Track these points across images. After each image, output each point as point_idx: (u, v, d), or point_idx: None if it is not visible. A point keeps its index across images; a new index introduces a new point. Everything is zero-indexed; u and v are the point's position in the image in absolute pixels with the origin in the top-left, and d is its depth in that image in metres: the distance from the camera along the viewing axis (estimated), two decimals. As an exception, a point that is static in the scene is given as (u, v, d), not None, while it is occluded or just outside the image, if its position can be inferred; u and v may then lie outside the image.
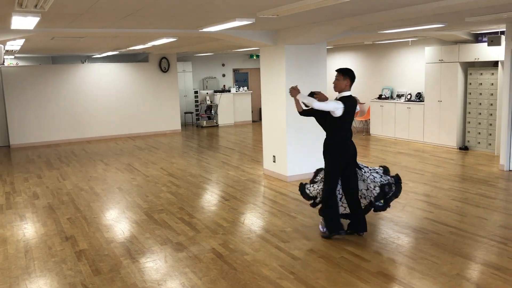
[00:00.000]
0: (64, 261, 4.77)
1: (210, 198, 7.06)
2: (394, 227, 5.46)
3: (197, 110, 16.37)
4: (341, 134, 5.04)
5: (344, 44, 13.31)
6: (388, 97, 12.31)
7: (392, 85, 12.45)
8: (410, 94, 11.68)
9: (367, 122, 13.18)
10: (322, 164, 8.21)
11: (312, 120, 8.14)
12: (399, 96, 12.03)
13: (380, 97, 12.39)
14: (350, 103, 4.93)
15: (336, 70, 5.05)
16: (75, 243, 5.28)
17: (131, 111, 14.16)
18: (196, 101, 16.30)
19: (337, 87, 5.01)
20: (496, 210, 5.95)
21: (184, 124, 16.22)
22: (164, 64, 14.38)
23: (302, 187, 5.51)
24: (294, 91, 5.16)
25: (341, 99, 4.93)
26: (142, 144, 12.41)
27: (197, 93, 16.23)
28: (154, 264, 4.62)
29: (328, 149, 5.09)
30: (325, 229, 5.17)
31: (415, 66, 11.69)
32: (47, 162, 10.38)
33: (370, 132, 12.65)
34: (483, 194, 6.67)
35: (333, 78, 5.12)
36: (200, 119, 15.97)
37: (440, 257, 4.53)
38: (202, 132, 14.54)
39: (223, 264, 4.55)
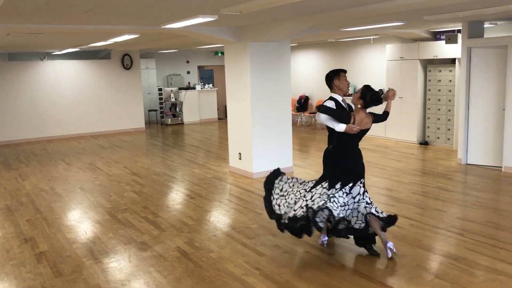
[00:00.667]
0: (23, 263, 4.63)
1: (175, 196, 7.00)
2: (357, 221, 5.56)
3: (161, 108, 16.18)
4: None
5: (308, 42, 13.45)
6: (351, 94, 12.52)
7: (355, 82, 12.66)
8: (372, 91, 11.89)
9: (331, 119, 13.34)
10: (287, 161, 8.35)
11: (278, 116, 8.23)
12: (362, 93, 12.24)
13: (344, 94, 12.56)
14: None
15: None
16: (35, 245, 5.13)
17: (93, 109, 13.85)
18: (161, 99, 16.11)
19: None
20: (454, 203, 6.17)
21: (148, 122, 16.00)
22: (126, 61, 14.13)
23: (268, 199, 4.89)
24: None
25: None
26: (105, 143, 12.17)
27: (161, 90, 16.03)
28: (118, 264, 4.54)
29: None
30: (325, 239, 4.81)
31: (377, 63, 11.94)
32: (4, 162, 10.02)
33: (334, 129, 12.81)
34: (442, 187, 6.89)
35: (298, 76, 5.10)
36: (165, 117, 15.79)
37: (401, 249, 4.66)
38: (166, 130, 14.38)
39: (188, 262, 4.52)
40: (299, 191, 4.73)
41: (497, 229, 5.14)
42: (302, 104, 14.02)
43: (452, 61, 9.89)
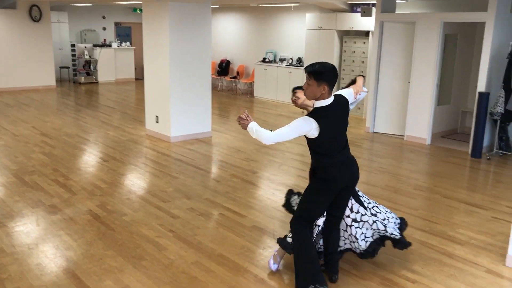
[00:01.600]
0: None
1: (88, 159, 6.78)
2: (271, 184, 5.80)
3: (74, 65, 15.28)
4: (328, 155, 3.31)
5: (230, 5, 13.31)
6: (272, 60, 12.69)
7: (275, 49, 12.83)
8: (291, 58, 12.17)
9: (251, 85, 13.49)
10: (206, 125, 8.37)
11: (197, 79, 8.16)
12: (281, 60, 12.47)
13: (264, 60, 12.72)
14: (330, 113, 3.21)
15: (306, 71, 3.20)
16: None
17: (-3, 63, 12.75)
18: (73, 55, 15.18)
19: (309, 95, 3.23)
20: (360, 168, 6.58)
21: (60, 80, 15.07)
22: (35, 12, 13.07)
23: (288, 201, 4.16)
24: (244, 122, 3.36)
25: (314, 112, 3.20)
26: (10, 101, 11.32)
27: (74, 46, 15.09)
28: (25, 228, 4.37)
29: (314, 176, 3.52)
30: (276, 266, 3.71)
31: (297, 31, 12.16)
32: None
33: (254, 95, 13.00)
34: (350, 154, 7.33)
35: (219, 39, 4.90)
36: (78, 75, 14.96)
37: (309, 211, 4.95)
38: (79, 89, 13.68)
39: (100, 226, 4.47)
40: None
41: (395, 192, 5.62)
42: (223, 68, 13.97)
43: (366, 33, 10.34)
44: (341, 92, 3.44)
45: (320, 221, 3.62)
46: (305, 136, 3.24)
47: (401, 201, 5.35)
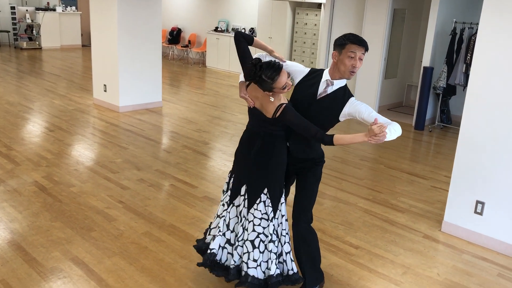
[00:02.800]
0: None
1: (32, 128, 6.52)
2: (222, 155, 5.84)
3: (15, 30, 14.43)
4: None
5: (182, -29, 12.92)
6: (224, 30, 12.53)
7: (228, 18, 12.65)
8: (244, 28, 12.06)
9: (203, 54, 13.30)
10: (156, 95, 8.22)
11: (147, 48, 7.95)
12: (234, 29, 12.33)
13: (216, 30, 12.53)
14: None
15: (365, 46, 2.73)
16: None
17: None
18: (14, 19, 14.31)
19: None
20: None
21: None
22: (-31, -30, 12.14)
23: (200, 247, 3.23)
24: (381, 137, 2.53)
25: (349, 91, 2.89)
26: None
27: (14, 9, 14.20)
28: (-36, 200, 4.21)
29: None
30: None
31: (250, 1, 12.02)
32: None
33: (206, 64, 12.84)
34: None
35: (170, 7, 4.21)
36: (19, 40, 14.15)
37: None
38: (21, 55, 12.97)
39: (47, 197, 4.37)
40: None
41: (342, 163, 5.82)
42: (174, 36, 13.66)
43: (319, 6, 10.39)
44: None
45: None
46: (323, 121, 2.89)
47: (348, 171, 5.55)
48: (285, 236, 3.00)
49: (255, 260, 2.89)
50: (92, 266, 3.33)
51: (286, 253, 2.98)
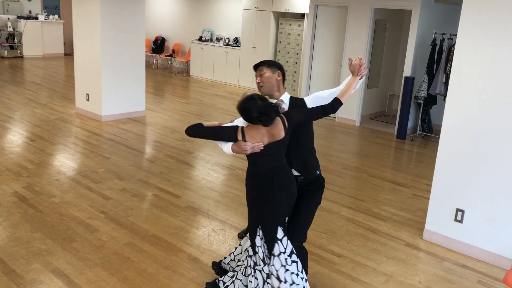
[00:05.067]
0: None
1: (13, 138, 6.43)
2: (206, 164, 5.83)
3: (-4, 38, 14.25)
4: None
5: (166, -19, 12.95)
6: (208, 39, 12.56)
7: (212, 28, 12.69)
8: (228, 38, 12.11)
9: (187, 63, 13.31)
10: (139, 104, 8.19)
11: (131, 56, 7.92)
12: (218, 39, 12.37)
13: (200, 39, 12.56)
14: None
15: (259, 64, 3.00)
16: None
17: None
18: (-5, 27, 14.14)
19: (266, 86, 2.97)
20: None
21: (-20, 53, 14.02)
22: (-50, -22, 11.98)
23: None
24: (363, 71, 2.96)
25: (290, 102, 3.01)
26: None
27: (-5, 17, 14.05)
28: None
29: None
30: None
31: (234, 11, 12.09)
32: None
33: (190, 74, 12.84)
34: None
35: (154, 16, 4.24)
36: (1, 48, 13.98)
37: (243, 191, 5.01)
38: (3, 64, 12.81)
39: (28, 208, 4.30)
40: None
41: (325, 171, 5.85)
42: (158, 45, 13.64)
43: (302, 16, 10.50)
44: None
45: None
46: (310, 126, 3.10)
47: (331, 180, 5.59)
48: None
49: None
50: (73, 278, 3.28)
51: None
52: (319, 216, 4.55)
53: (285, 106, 2.97)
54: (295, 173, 3.03)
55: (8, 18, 13.79)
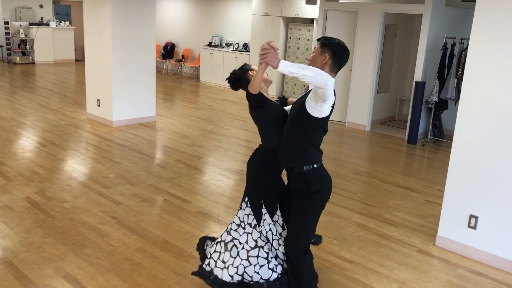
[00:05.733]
0: None
1: (25, 143, 6.49)
2: (216, 170, 5.83)
3: (8, 44, 14.42)
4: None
5: (176, -13, 13.03)
6: (218, 45, 12.60)
7: (221, 33, 12.74)
8: (237, 43, 12.14)
9: (197, 69, 13.35)
10: (150, 110, 8.22)
11: (141, 62, 7.96)
12: (227, 44, 12.41)
13: (210, 45, 12.60)
14: None
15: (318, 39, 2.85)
16: None
17: None
18: (7, 34, 14.32)
19: (311, 64, 2.78)
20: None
21: (-7, 59, 14.21)
22: (-37, -14, 12.17)
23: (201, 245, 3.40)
24: (270, 55, 2.67)
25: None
26: None
27: (8, 24, 14.23)
28: (-45, 217, 4.15)
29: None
30: None
31: (243, 16, 12.13)
32: None
33: (200, 79, 12.88)
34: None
35: (164, 22, 4.34)
36: (13, 55, 14.15)
37: (253, 196, 5.03)
38: (15, 70, 12.96)
39: (39, 213, 4.33)
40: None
41: (335, 177, 5.82)
42: (168, 51, 13.71)
43: (311, 21, 10.50)
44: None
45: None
46: (298, 117, 2.74)
47: (341, 185, 5.55)
48: (277, 240, 3.06)
49: (223, 262, 3.04)
50: (84, 283, 3.29)
51: (283, 253, 3.06)
52: (330, 222, 4.52)
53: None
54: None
55: (21, 25, 13.96)
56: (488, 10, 3.72)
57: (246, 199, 3.06)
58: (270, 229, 3.05)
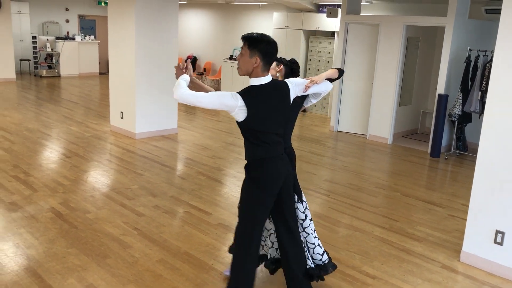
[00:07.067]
0: None
1: (50, 155, 6.63)
2: (236, 182, 5.84)
3: (35, 58, 14.84)
4: (262, 148, 2.87)
5: (198, 1, 13.24)
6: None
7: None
8: (258, 56, 12.22)
9: (218, 82, 13.48)
10: (172, 122, 8.31)
11: (164, 75, 8.08)
12: (248, 57, 12.49)
13: (231, 58, 12.72)
14: (264, 96, 2.81)
15: (241, 37, 2.86)
16: None
17: (-48, 54, 12.23)
18: (35, 48, 14.74)
19: (241, 68, 2.87)
20: (324, 166, 6.74)
21: (20, 73, 14.60)
22: (-6, 2, 12.59)
23: None
24: (178, 72, 3.05)
25: (244, 90, 2.83)
26: (-34, 93, 10.90)
27: (35, 38, 14.65)
28: (-17, 226, 4.25)
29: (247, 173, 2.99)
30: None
31: (264, 30, 12.22)
32: None
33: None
34: (314, 152, 7.47)
35: (186, 35, 4.40)
36: (39, 68, 14.54)
37: (274, 209, 5.02)
38: (41, 83, 13.30)
39: (63, 223, 4.40)
40: None
41: (357, 190, 5.77)
42: (189, 64, 13.87)
43: (332, 34, 10.51)
44: (292, 80, 3.05)
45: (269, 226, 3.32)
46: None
47: (363, 198, 5.50)
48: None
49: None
50: (107, 294, 3.32)
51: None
52: (352, 236, 4.47)
53: None
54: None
55: (47, 39, 14.35)
56: (513, 22, 3.67)
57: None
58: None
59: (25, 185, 5.31)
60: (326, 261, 3.35)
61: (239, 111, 2.75)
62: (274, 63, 3.37)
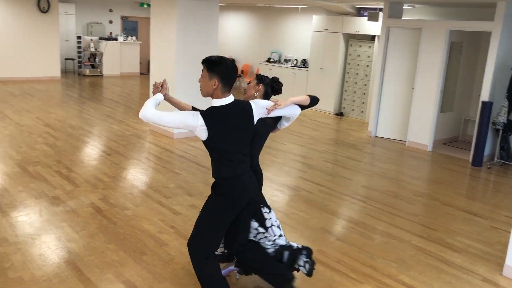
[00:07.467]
0: None
1: (91, 152, 6.83)
2: (272, 184, 5.84)
3: (79, 57, 15.32)
4: (227, 166, 2.96)
5: (237, 4, 13.34)
6: (277, 60, 12.72)
7: (280, 49, 12.85)
8: (296, 59, 12.20)
9: (255, 83, 13.51)
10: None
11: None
12: (286, 60, 12.50)
13: (268, 60, 12.75)
14: (225, 117, 2.88)
15: (202, 61, 3.00)
16: None
17: (3, 53, 12.79)
18: (79, 47, 15.23)
19: (203, 90, 2.99)
20: (361, 172, 6.65)
21: (65, 71, 15.12)
22: (43, 3, 13.10)
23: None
24: (154, 91, 3.33)
25: (206, 111, 2.91)
26: (15, 90, 11.37)
27: (80, 38, 15.14)
28: (28, 218, 4.42)
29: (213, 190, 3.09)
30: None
31: (303, 33, 12.18)
32: None
33: (257, 93, 13.01)
34: (351, 157, 7.38)
35: (225, 37, 4.56)
36: (83, 67, 15.01)
37: (309, 213, 5.00)
38: (84, 81, 13.72)
39: (102, 219, 4.52)
40: None
41: (394, 197, 5.66)
42: (227, 66, 13.99)
43: (372, 37, 10.36)
44: (257, 101, 3.10)
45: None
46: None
47: (401, 206, 5.39)
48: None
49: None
50: (143, 290, 3.38)
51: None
52: (389, 244, 4.39)
53: None
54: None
55: (91, 39, 14.79)
56: None
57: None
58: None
59: (67, 180, 5.49)
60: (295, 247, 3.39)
61: (201, 130, 2.84)
62: (254, 82, 3.45)
